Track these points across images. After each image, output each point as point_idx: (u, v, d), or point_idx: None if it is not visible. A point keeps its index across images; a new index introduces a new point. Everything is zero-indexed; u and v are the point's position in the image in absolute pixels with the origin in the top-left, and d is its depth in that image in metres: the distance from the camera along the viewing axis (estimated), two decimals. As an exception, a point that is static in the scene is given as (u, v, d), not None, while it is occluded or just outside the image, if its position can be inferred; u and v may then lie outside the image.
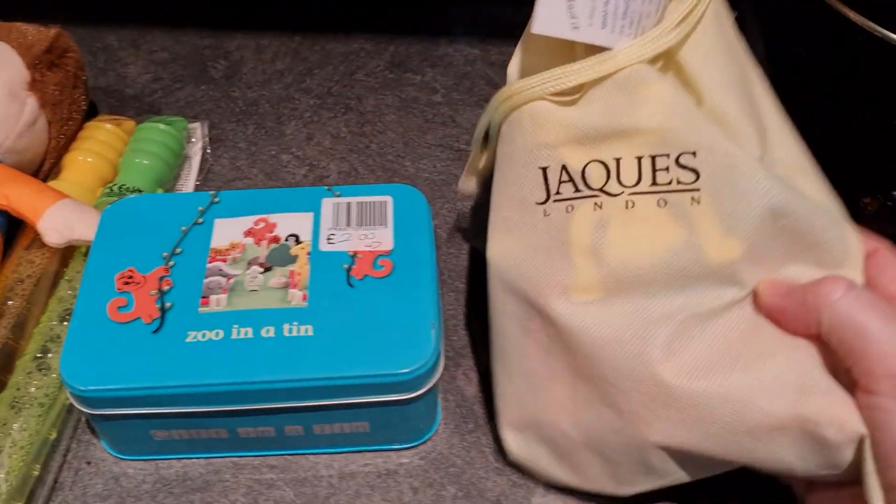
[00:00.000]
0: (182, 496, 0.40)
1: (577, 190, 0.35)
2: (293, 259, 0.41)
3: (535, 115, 0.36)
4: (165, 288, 0.40)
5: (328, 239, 0.42)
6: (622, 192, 0.35)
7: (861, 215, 0.49)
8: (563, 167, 0.36)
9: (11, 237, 0.46)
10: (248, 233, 0.42)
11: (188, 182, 0.53)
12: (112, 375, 0.37)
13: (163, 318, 0.38)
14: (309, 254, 0.41)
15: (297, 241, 0.41)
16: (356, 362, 0.37)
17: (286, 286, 0.40)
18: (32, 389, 0.41)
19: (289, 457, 0.41)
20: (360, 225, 0.42)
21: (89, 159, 0.50)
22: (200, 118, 0.57)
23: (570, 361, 0.35)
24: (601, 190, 0.35)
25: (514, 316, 0.37)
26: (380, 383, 0.37)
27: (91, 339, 0.38)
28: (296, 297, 0.39)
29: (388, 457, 0.41)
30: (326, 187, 0.44)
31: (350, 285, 0.40)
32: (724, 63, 0.37)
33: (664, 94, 0.34)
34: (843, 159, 0.52)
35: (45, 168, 0.50)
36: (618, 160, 0.35)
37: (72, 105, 0.51)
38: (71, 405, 0.41)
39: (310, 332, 0.38)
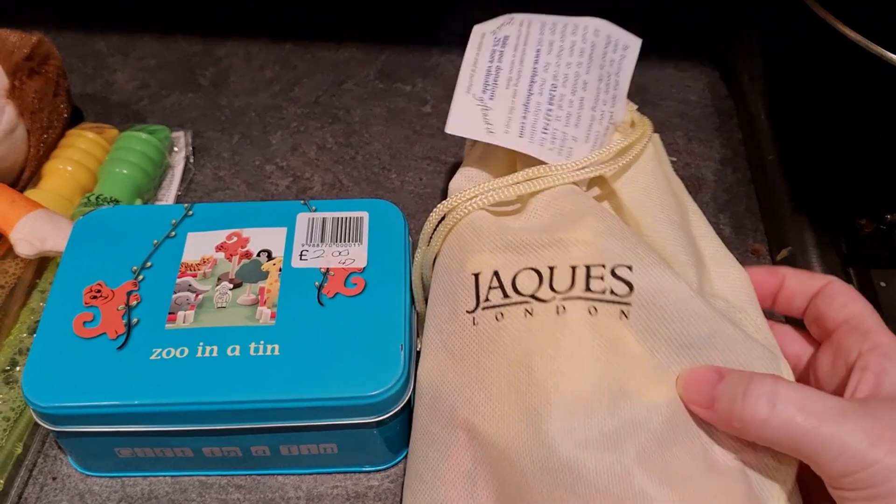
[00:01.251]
0: (147, 515, 0.39)
1: (505, 296, 0.35)
2: (264, 275, 0.40)
3: (476, 225, 0.37)
4: (133, 303, 0.39)
5: (301, 255, 0.41)
6: (553, 298, 0.34)
7: (856, 236, 0.48)
8: (495, 273, 0.35)
9: (-15, 246, 0.46)
10: (220, 247, 0.41)
11: (170, 192, 0.52)
12: (74, 392, 0.36)
13: (128, 333, 0.38)
14: (280, 270, 0.40)
15: (269, 257, 0.41)
16: (322, 384, 0.36)
17: (255, 303, 0.39)
18: (-2, 403, 0.40)
19: (257, 477, 0.40)
20: (334, 241, 0.41)
21: (69, 168, 0.49)
22: (186, 126, 0.56)
23: (495, 487, 0.33)
24: (532, 296, 0.34)
25: (437, 439, 0.35)
26: (346, 406, 0.36)
27: (55, 354, 0.37)
28: (264, 314, 0.38)
29: (358, 479, 0.40)
30: (302, 201, 0.43)
31: (320, 304, 0.39)
32: (662, 199, 0.38)
33: (604, 216, 0.36)
34: (838, 180, 0.51)
35: (24, 176, 0.49)
36: (552, 268, 0.34)
37: (52, 113, 0.50)
38: (38, 420, 0.41)
39: (276, 352, 0.37)
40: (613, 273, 0.34)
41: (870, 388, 0.31)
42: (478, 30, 0.42)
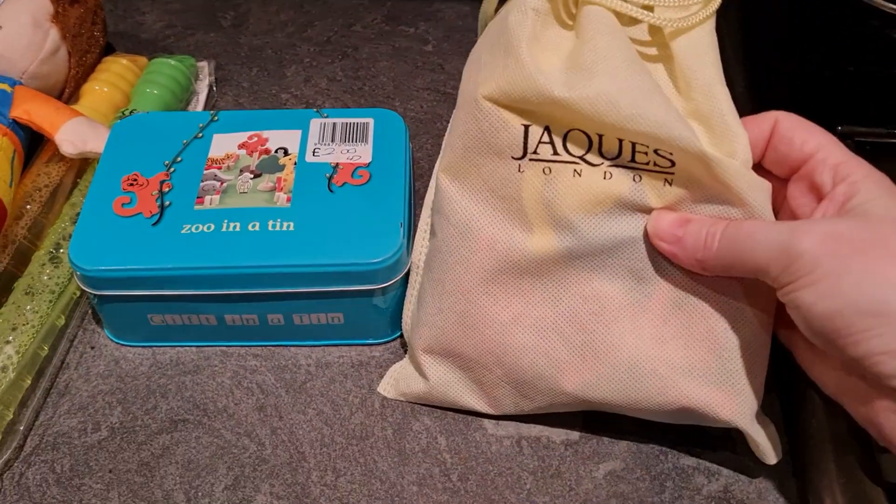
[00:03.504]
0: (175, 378, 0.44)
1: (555, 153, 0.37)
2: (281, 168, 0.45)
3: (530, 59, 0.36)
4: (165, 189, 0.44)
5: (314, 152, 0.46)
6: (602, 163, 0.37)
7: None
8: (546, 128, 0.37)
9: (32, 151, 0.51)
10: (242, 145, 0.46)
11: (194, 114, 0.57)
12: (114, 259, 0.41)
13: (161, 213, 0.43)
14: (295, 164, 0.45)
15: (286, 153, 0.46)
16: (331, 253, 0.41)
17: (273, 189, 0.44)
18: (45, 278, 0.45)
19: (272, 347, 0.46)
20: (343, 141, 0.46)
21: (105, 89, 0.55)
22: (209, 60, 0.61)
23: (514, 310, 0.38)
24: (581, 158, 0.37)
25: (462, 259, 0.39)
26: (352, 272, 0.41)
27: (97, 229, 0.42)
28: (281, 198, 0.44)
29: (362, 350, 0.45)
30: (315, 109, 0.48)
31: (330, 191, 0.44)
32: (716, 59, 0.38)
33: (646, 88, 0.35)
34: (795, 91, 0.54)
35: (64, 95, 0.55)
36: (600, 136, 0.37)
37: (90, 39, 0.55)
38: (80, 296, 0.46)
39: (291, 228, 0.42)
40: (657, 151, 0.36)
41: (835, 210, 0.34)
42: None
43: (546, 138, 0.37)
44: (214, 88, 0.59)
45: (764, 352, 0.38)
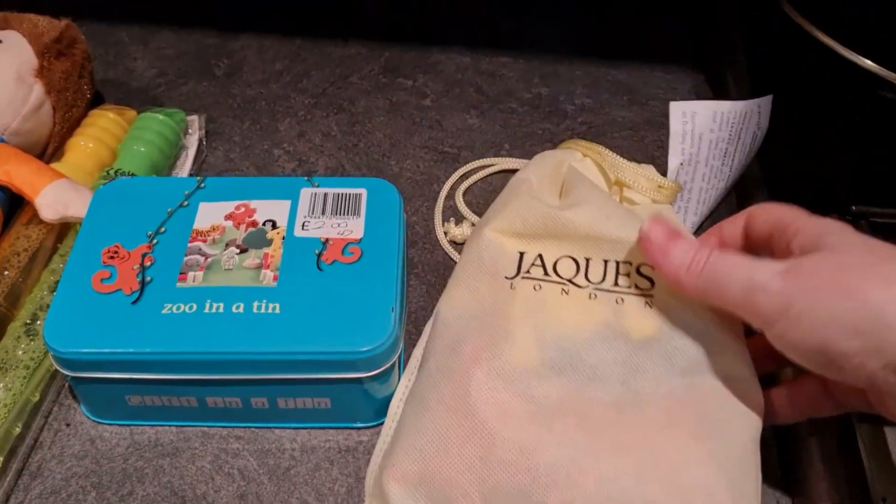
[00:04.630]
0: (153, 460, 0.42)
1: (546, 274, 0.41)
2: (268, 242, 0.43)
3: (524, 213, 0.43)
4: (147, 264, 0.42)
5: (303, 225, 0.44)
6: (587, 286, 0.41)
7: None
8: (539, 255, 0.42)
9: (12, 213, 0.49)
10: (229, 216, 0.45)
11: (183, 171, 0.55)
12: (90, 341, 0.39)
13: (142, 290, 0.41)
14: (283, 238, 0.43)
15: (274, 226, 0.44)
16: (318, 339, 0.39)
17: (259, 267, 0.42)
18: (20, 353, 0.43)
19: (255, 429, 0.44)
20: (334, 214, 0.45)
21: (90, 144, 0.53)
22: (200, 112, 0.60)
23: (494, 425, 0.36)
24: (569, 280, 0.41)
25: (448, 371, 0.39)
26: (339, 360, 0.39)
27: (74, 305, 0.40)
28: (267, 277, 0.42)
29: (349, 434, 0.43)
30: (306, 178, 0.47)
31: (319, 269, 0.42)
32: None
33: (634, 218, 0.41)
34: (817, 179, 0.54)
35: (48, 151, 0.53)
36: (588, 259, 0.41)
37: (77, 93, 0.54)
38: (55, 370, 0.44)
39: (277, 310, 0.40)
40: (638, 270, 0.41)
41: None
42: None
43: (538, 262, 0.42)
44: (204, 143, 0.57)
45: (755, 466, 0.36)
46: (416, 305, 0.49)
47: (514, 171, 0.56)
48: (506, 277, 0.41)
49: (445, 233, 0.52)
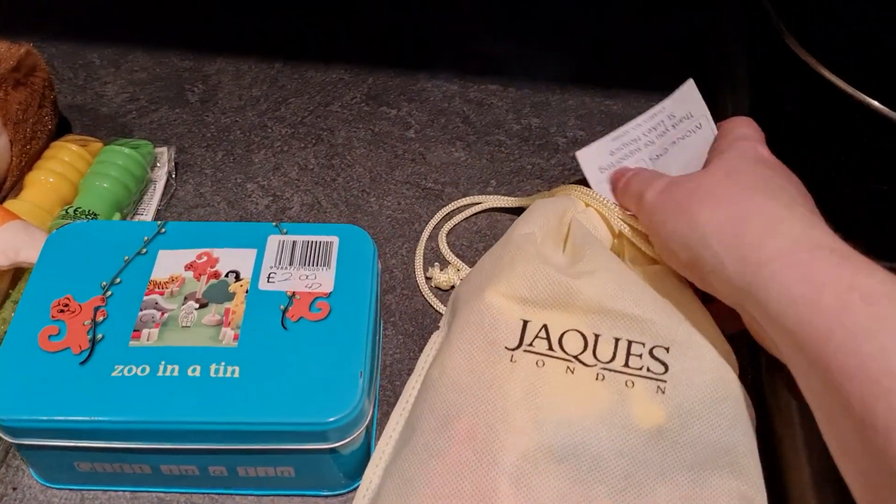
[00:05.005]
0: (103, 530, 0.39)
1: (550, 348, 0.38)
2: (230, 296, 0.40)
3: (530, 273, 0.40)
4: (99, 319, 0.39)
5: (269, 278, 0.41)
6: (595, 365, 0.37)
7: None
8: (544, 326, 0.38)
9: (-38, 255, 0.46)
10: (190, 266, 0.42)
11: (150, 207, 0.52)
12: (35, 406, 0.36)
13: (92, 349, 0.38)
14: (247, 292, 0.40)
15: (237, 278, 0.41)
16: (279, 408, 0.36)
17: (219, 324, 0.39)
18: (-37, 412, 0.40)
19: (214, 496, 0.41)
20: (302, 265, 0.42)
21: (51, 179, 0.50)
22: (171, 142, 0.57)
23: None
24: (576, 357, 0.38)
25: (438, 451, 0.36)
26: (302, 431, 0.36)
27: (19, 367, 0.38)
28: (227, 336, 0.39)
29: (315, 503, 0.40)
30: (274, 223, 0.44)
31: (284, 327, 0.39)
32: (687, 296, 0.41)
33: (646, 290, 0.39)
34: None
35: (6, 186, 0.50)
36: (597, 336, 0.38)
37: (37, 124, 0.51)
38: (1, 430, 0.41)
39: (236, 374, 0.37)
40: (651, 353, 0.38)
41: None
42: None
43: (543, 334, 0.38)
44: (173, 177, 0.54)
45: None
46: (391, 358, 0.46)
47: (501, 210, 0.53)
48: (506, 348, 0.38)
49: (429, 278, 0.49)
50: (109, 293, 0.40)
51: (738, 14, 0.62)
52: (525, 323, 0.39)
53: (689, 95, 0.47)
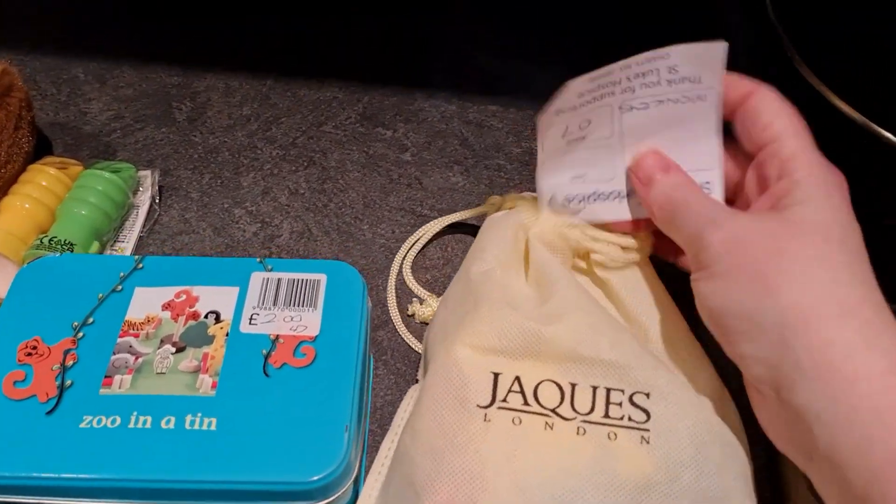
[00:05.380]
0: (71, 588, 0.37)
1: (525, 403, 0.35)
2: (209, 340, 0.38)
3: (497, 321, 0.36)
4: (69, 363, 0.37)
5: (251, 319, 0.39)
6: (575, 418, 0.35)
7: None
8: (517, 378, 0.36)
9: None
10: (168, 305, 0.39)
11: (132, 233, 0.50)
12: (-4, 460, 0.34)
13: (60, 397, 0.36)
14: (227, 335, 0.38)
15: (217, 320, 0.39)
16: (258, 466, 0.34)
17: (197, 370, 0.37)
18: (-77, 460, 0.38)
19: (191, 552, 0.38)
20: (287, 305, 0.39)
21: (27, 205, 0.47)
22: (156, 163, 0.54)
23: None
24: (553, 411, 0.35)
25: None
26: (283, 490, 0.34)
27: (-20, 416, 0.35)
28: (205, 384, 0.36)
29: (298, 560, 0.38)
30: (258, 259, 0.41)
31: (266, 374, 0.37)
32: (663, 304, 0.39)
33: (622, 333, 0.37)
34: None
35: (-21, 211, 0.47)
36: (573, 385, 0.35)
37: (12, 147, 0.48)
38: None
39: (213, 426, 0.35)
40: (631, 400, 0.35)
41: (769, 206, 0.34)
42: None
43: (517, 387, 0.35)
44: (157, 201, 0.52)
45: None
46: (382, 400, 0.44)
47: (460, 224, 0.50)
48: (478, 406, 0.35)
49: (411, 315, 0.47)
50: (81, 334, 0.38)
51: (747, 41, 0.59)
52: (496, 376, 0.36)
53: (710, 58, 0.36)
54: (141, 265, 0.41)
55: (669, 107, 0.37)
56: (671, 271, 0.40)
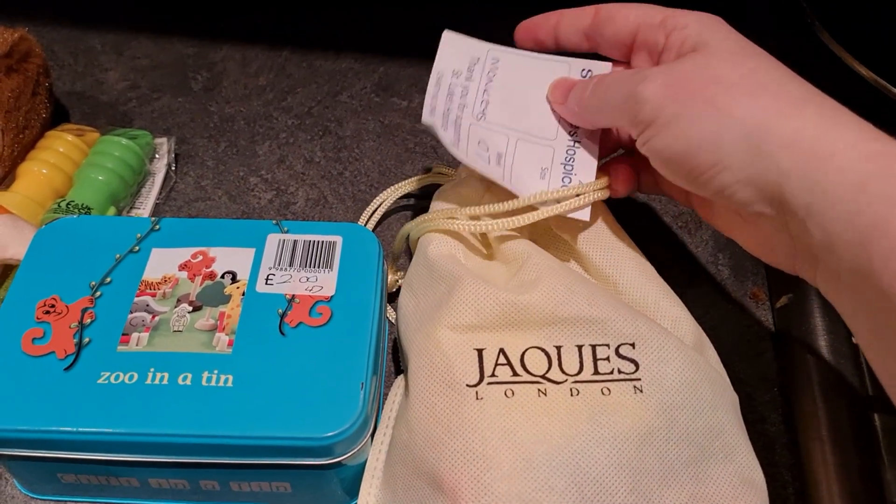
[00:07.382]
0: (89, 543, 0.37)
1: (515, 374, 0.35)
2: (226, 299, 0.38)
3: (469, 297, 0.36)
4: (87, 321, 0.37)
5: (267, 279, 0.39)
6: (566, 380, 0.34)
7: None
8: (501, 350, 0.35)
9: (-51, 249, 0.44)
10: (184, 266, 0.39)
11: (148, 200, 0.50)
12: (15, 415, 0.34)
13: (78, 354, 0.36)
14: (243, 295, 0.38)
15: (234, 279, 0.39)
16: (274, 421, 0.34)
17: (213, 329, 0.37)
18: (-57, 417, 0.38)
19: (207, 510, 0.38)
20: (303, 266, 0.39)
21: (44, 171, 0.48)
22: (172, 131, 0.54)
23: None
24: (544, 377, 0.35)
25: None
26: (299, 446, 0.34)
27: (0, 373, 0.35)
28: (221, 342, 0.36)
29: (314, 519, 0.38)
30: (274, 221, 0.41)
31: (282, 333, 0.37)
32: (630, 253, 0.40)
33: (596, 288, 0.37)
34: None
35: (-2, 177, 0.48)
36: (558, 348, 0.35)
37: (30, 112, 0.48)
38: (-16, 436, 0.39)
39: (229, 383, 0.35)
40: (618, 352, 0.35)
41: (674, 57, 0.35)
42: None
43: (503, 360, 0.35)
44: (174, 168, 0.52)
45: None
46: (396, 367, 0.44)
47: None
48: (468, 385, 0.34)
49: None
50: (98, 293, 0.38)
51: (768, 8, 0.59)
52: (480, 352, 0.35)
53: (454, 47, 0.43)
54: (157, 226, 0.41)
55: (497, 85, 0.41)
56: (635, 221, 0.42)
